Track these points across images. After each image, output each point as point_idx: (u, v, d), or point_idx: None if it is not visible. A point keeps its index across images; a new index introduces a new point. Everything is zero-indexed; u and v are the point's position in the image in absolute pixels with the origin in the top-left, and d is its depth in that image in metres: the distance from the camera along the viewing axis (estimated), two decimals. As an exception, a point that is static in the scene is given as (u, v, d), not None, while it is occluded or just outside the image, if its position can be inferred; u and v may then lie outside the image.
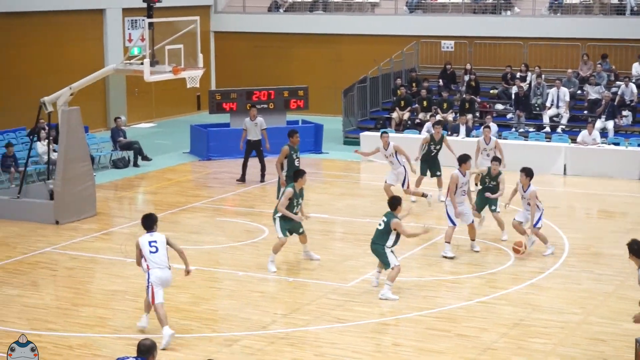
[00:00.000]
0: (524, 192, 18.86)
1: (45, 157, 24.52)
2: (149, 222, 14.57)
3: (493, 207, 19.83)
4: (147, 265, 14.10)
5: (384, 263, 16.25)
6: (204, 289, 16.66)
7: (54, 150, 23.34)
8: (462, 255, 18.63)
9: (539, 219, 18.73)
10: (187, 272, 14.53)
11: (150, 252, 14.15)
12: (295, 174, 17.98)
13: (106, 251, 19.05)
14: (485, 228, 20.58)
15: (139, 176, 26.90)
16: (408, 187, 22.46)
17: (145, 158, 28.43)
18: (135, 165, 28.09)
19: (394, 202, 16.26)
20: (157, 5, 21.49)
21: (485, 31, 34.78)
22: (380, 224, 16.28)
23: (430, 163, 23.50)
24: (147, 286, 14.05)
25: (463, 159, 18.84)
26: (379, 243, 16.22)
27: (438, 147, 23.57)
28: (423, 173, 23.52)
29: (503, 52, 34.44)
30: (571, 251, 19.03)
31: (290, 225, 17.57)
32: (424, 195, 22.52)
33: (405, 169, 22.35)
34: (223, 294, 16.53)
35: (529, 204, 18.72)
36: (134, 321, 14.95)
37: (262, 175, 25.64)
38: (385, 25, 36.63)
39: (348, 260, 18.36)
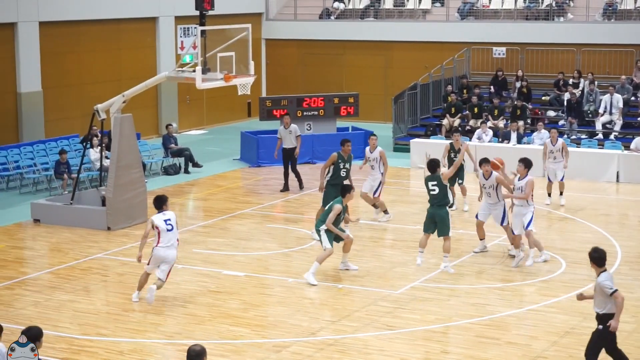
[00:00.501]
0: (519, 180, 18.43)
1: (98, 164, 24.77)
2: (159, 203, 16.09)
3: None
4: (158, 242, 15.74)
5: (448, 229, 17.90)
6: (254, 296, 16.71)
7: (106, 157, 23.57)
8: (513, 262, 18.49)
9: (531, 220, 18.15)
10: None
11: (167, 229, 15.62)
12: (343, 190, 17.69)
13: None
14: (536, 236, 20.43)
15: (190, 183, 27.06)
16: (379, 196, 22.04)
17: (195, 165, 28.61)
18: (186, 172, 28.27)
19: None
20: (210, 13, 21.61)
21: (538, 37, 34.56)
22: (434, 189, 17.96)
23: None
24: (149, 260, 15.88)
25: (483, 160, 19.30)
26: (443, 204, 18.00)
27: (459, 155, 22.61)
28: (451, 184, 22.37)
29: (555, 58, 34.20)
30: (624, 259, 18.82)
31: (336, 235, 17.53)
32: (385, 212, 22.12)
33: (381, 177, 21.94)
34: (273, 300, 16.56)
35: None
36: (184, 327, 15.06)
37: (300, 182, 25.55)
38: (436, 32, 36.55)
39: (397, 267, 18.32)
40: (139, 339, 14.59)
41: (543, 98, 32.86)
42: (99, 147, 24.79)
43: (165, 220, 15.79)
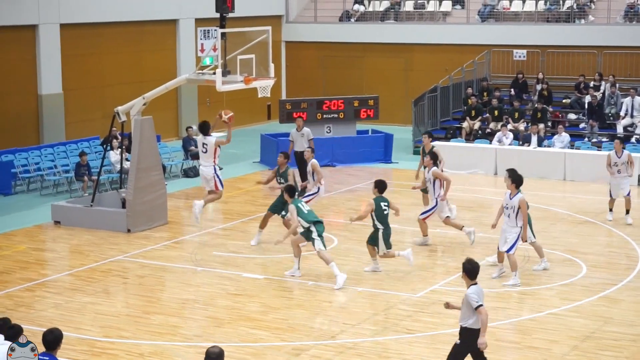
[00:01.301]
0: (510, 198, 17.36)
1: (118, 166, 24.84)
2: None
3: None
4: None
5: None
6: (274, 298, 16.71)
7: (127, 159, 23.64)
8: (533, 266, 18.44)
9: (515, 243, 17.24)
10: None
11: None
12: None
13: (177, 259, 19.23)
14: (556, 239, 20.39)
15: (210, 185, 27.05)
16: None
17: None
18: (206, 174, 28.28)
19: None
20: (230, 15, 21.64)
21: (558, 40, 34.45)
22: (386, 209, 17.72)
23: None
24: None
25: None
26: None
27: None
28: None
29: (576, 61, 34.09)
30: (645, 263, 18.75)
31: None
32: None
33: (319, 189, 21.27)
34: (293, 303, 16.56)
35: (509, 216, 17.37)
36: (205, 329, 15.09)
37: (302, 189, 25.21)
38: (456, 34, 36.50)
39: (417, 270, 18.28)
40: (159, 341, 14.62)
41: (564, 101, 32.76)
42: (119, 149, 24.87)
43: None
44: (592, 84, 32.13)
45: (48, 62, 29.59)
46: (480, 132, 31.26)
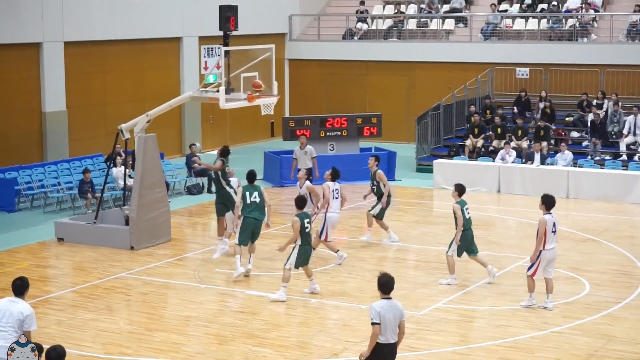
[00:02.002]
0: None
1: (121, 183, 24.86)
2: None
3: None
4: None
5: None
6: (277, 316, 16.70)
7: (130, 177, 23.66)
8: (536, 283, 18.39)
9: (533, 264, 16.77)
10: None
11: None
12: None
13: (180, 277, 19.22)
14: (559, 257, 20.38)
15: (213, 202, 27.00)
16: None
17: (219, 184, 28.64)
18: (209, 191, 28.30)
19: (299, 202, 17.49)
20: (233, 33, 21.69)
21: (561, 58, 34.50)
22: (308, 227, 17.34)
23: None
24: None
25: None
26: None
27: (374, 182, 21.48)
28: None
29: (579, 79, 34.12)
30: (648, 281, 18.72)
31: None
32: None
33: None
34: (296, 320, 16.55)
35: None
36: (207, 347, 15.07)
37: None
38: (459, 53, 36.56)
39: (421, 288, 18.27)
40: (161, 358, 14.61)
41: (567, 119, 32.78)
42: (123, 167, 24.89)
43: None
44: (594, 102, 32.15)
45: (52, 79, 29.65)
46: (483, 149, 31.27)
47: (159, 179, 22.15)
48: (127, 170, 23.94)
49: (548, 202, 16.81)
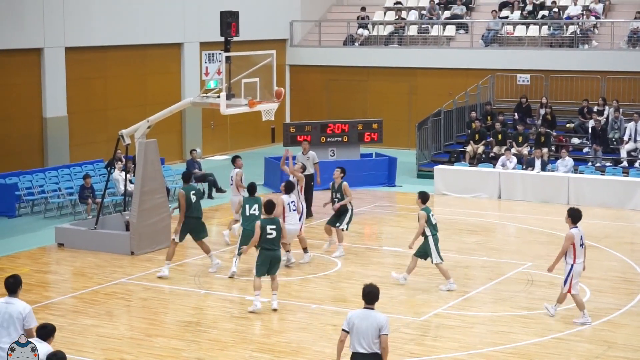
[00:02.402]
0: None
1: (122, 189, 24.85)
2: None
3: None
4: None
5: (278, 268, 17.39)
6: (277, 321, 16.69)
7: (130, 182, 23.66)
8: (537, 290, 18.43)
9: (567, 277, 16.39)
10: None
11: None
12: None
13: (180, 282, 19.21)
14: (560, 264, 20.37)
15: (213, 208, 27.10)
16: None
17: (219, 190, 28.68)
18: (210, 197, 28.35)
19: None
20: (234, 39, 21.70)
21: (562, 65, 34.52)
22: (272, 233, 16.89)
23: (336, 213, 21.24)
24: None
25: None
26: (279, 247, 17.32)
27: (338, 195, 21.23)
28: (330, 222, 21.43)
29: (580, 85, 34.13)
30: (649, 288, 18.71)
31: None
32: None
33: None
34: (296, 326, 16.54)
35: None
36: (207, 352, 15.06)
37: (308, 210, 25.16)
38: (460, 59, 36.59)
39: (421, 294, 18.27)
40: (161, 364, 14.60)
41: (567, 125, 32.78)
42: (123, 172, 24.89)
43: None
44: (595, 108, 32.16)
45: (53, 85, 29.68)
46: (484, 156, 31.28)
47: (160, 184, 22.15)
48: (128, 175, 23.94)
49: (575, 216, 16.56)
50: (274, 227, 16.96)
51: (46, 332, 10.91)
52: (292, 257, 20.28)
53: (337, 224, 21.01)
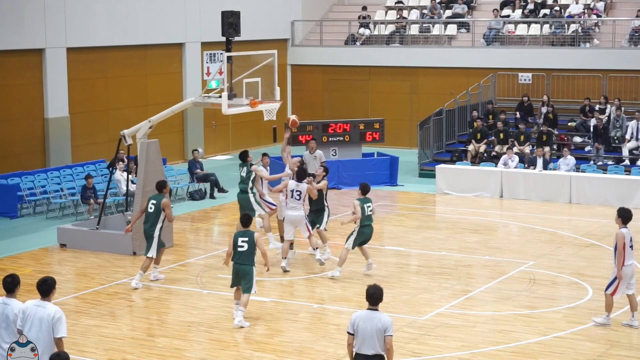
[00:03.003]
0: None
1: (124, 189, 24.86)
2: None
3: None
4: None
5: (250, 286, 16.25)
6: (280, 321, 16.69)
7: (132, 182, 23.66)
8: (539, 289, 18.43)
9: (612, 281, 16.11)
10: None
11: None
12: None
13: (182, 282, 19.22)
14: (562, 262, 20.38)
15: (215, 208, 27.11)
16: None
17: (221, 190, 28.69)
18: (212, 197, 28.35)
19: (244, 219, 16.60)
20: (236, 39, 21.70)
21: (564, 63, 34.50)
22: (243, 245, 16.22)
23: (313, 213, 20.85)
24: None
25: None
26: (249, 263, 16.29)
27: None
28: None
29: (581, 84, 34.11)
30: (651, 286, 18.67)
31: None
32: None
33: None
34: (298, 326, 16.54)
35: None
36: (209, 352, 15.07)
37: None
38: (462, 58, 36.58)
39: (423, 293, 18.27)
40: (164, 364, 14.61)
41: (569, 124, 32.77)
42: (125, 172, 24.90)
43: None
44: (597, 107, 32.14)
45: (54, 85, 29.69)
46: (485, 155, 31.27)
47: (162, 184, 22.12)
48: (130, 175, 23.95)
49: (625, 216, 16.14)
50: (245, 239, 16.35)
51: (47, 287, 11.13)
52: (319, 253, 19.75)
53: (318, 226, 20.61)
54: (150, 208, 18.89)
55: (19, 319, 11.11)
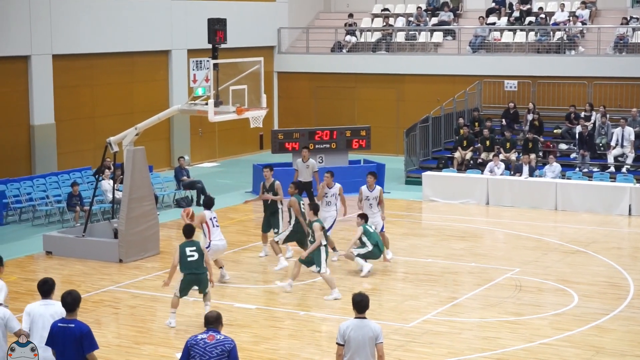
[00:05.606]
0: None
1: (110, 196, 24.83)
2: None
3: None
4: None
5: (205, 287, 16.67)
6: (265, 329, 16.68)
7: (118, 189, 23.63)
8: (525, 295, 18.47)
9: None
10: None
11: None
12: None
13: (168, 290, 19.13)
14: (548, 269, 20.44)
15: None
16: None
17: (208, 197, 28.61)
18: (199, 204, 28.32)
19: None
20: (222, 46, 21.71)
21: (549, 71, 34.62)
22: (193, 255, 16.42)
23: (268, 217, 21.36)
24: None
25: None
26: (203, 271, 16.61)
27: (270, 193, 21.23)
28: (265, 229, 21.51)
29: (567, 91, 34.23)
30: (636, 293, 18.73)
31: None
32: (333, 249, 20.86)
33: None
34: (284, 333, 16.54)
35: None
36: (195, 360, 15.02)
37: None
38: (448, 65, 36.66)
39: (409, 300, 18.29)
40: (150, 371, 14.57)
41: (555, 131, 32.86)
42: (111, 180, 24.86)
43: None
44: (582, 114, 32.26)
45: (40, 92, 29.62)
46: (472, 162, 31.33)
47: (148, 191, 22.13)
48: (116, 183, 23.91)
49: None
50: (194, 248, 16.44)
51: (48, 287, 11.78)
52: (226, 273, 19.54)
53: (274, 230, 20.93)
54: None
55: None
